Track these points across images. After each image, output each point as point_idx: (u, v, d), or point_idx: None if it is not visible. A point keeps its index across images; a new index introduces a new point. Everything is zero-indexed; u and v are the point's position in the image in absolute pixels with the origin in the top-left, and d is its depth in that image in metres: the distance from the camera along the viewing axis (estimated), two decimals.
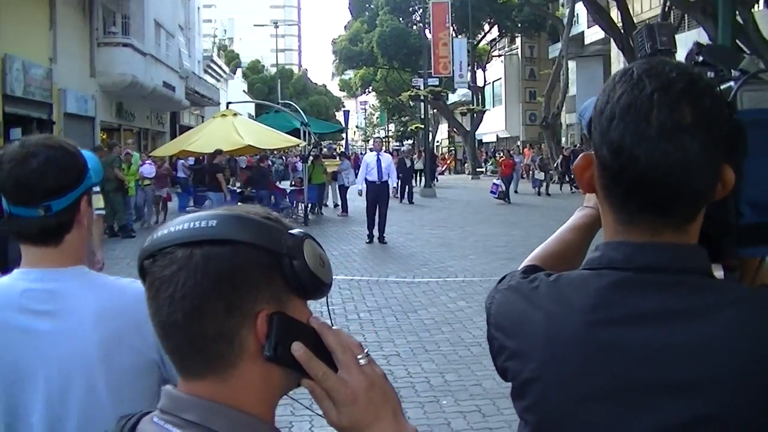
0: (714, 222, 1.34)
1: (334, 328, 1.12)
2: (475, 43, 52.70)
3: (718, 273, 1.47)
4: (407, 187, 30.09)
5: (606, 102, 1.25)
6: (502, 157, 40.28)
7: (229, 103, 27.61)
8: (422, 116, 46.56)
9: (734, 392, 1.19)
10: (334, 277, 1.15)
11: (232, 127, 19.32)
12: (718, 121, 1.22)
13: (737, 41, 16.94)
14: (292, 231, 1.08)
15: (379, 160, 17.49)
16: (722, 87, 1.35)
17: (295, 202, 23.37)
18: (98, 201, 7.72)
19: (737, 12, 16.98)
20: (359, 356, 1.10)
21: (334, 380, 1.07)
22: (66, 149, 2.06)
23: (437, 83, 43.12)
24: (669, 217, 1.26)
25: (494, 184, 29.16)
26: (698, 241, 1.31)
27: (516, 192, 30.24)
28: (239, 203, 15.53)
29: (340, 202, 24.59)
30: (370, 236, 17.32)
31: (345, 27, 64.44)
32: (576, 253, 1.66)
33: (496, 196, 28.25)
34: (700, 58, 1.48)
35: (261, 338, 1.04)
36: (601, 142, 1.26)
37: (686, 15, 24.53)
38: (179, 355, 1.07)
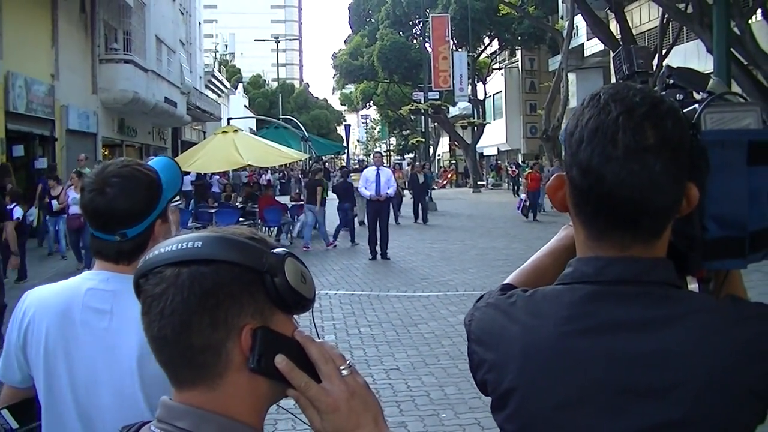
0: (681, 236, 1.41)
1: (318, 340, 1.19)
2: (476, 56, 52.79)
3: (693, 285, 1.54)
4: (420, 205, 27.36)
5: (575, 125, 1.32)
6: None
7: (230, 118, 27.68)
8: (423, 130, 46.64)
9: (699, 397, 1.25)
10: (335, 292, 1.23)
11: (233, 145, 19.27)
12: (680, 142, 1.29)
13: (735, 52, 17.07)
14: (275, 250, 1.16)
15: (378, 175, 17.51)
16: (687, 109, 1.42)
17: (296, 217, 23.40)
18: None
19: (735, 23, 17.08)
20: (341, 367, 1.16)
21: (316, 390, 1.14)
22: (139, 178, 2.19)
23: (438, 97, 43.18)
24: (636, 233, 1.33)
25: (520, 199, 28.16)
26: (668, 255, 1.38)
27: (544, 211, 27.90)
28: (240, 218, 15.53)
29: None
30: (373, 253, 17.23)
31: (345, 41, 64.59)
32: (552, 277, 1.71)
33: (520, 211, 26.98)
34: (671, 81, 1.55)
35: (245, 351, 1.11)
36: (572, 163, 1.33)
37: (684, 27, 24.60)
38: (171, 366, 1.15)
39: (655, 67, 16.85)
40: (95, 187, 2.16)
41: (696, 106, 1.41)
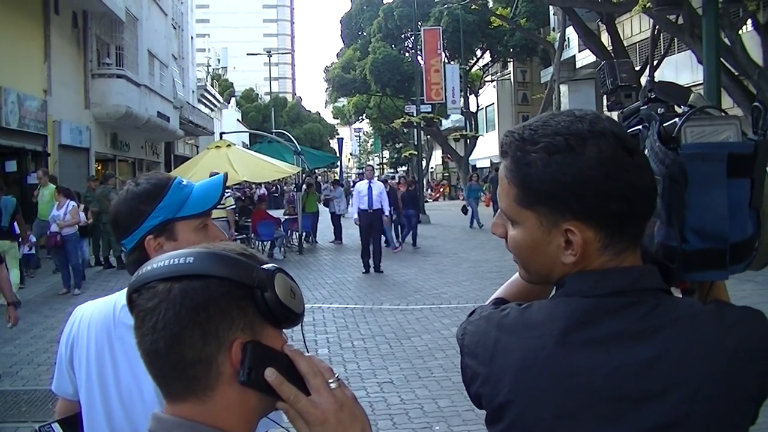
0: (662, 248, 1.44)
1: (307, 354, 1.21)
2: (468, 68, 52.81)
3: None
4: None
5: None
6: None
7: (223, 133, 27.62)
8: (416, 143, 46.64)
9: (694, 400, 1.29)
10: (329, 305, 1.25)
11: (227, 159, 19.13)
12: None
13: (725, 62, 17.16)
14: (265, 266, 1.19)
15: (370, 188, 17.47)
16: (668, 123, 1.45)
17: (289, 231, 23.44)
18: (227, 200, 12.80)
19: (725, 34, 17.19)
20: (330, 380, 1.19)
21: (305, 402, 1.16)
22: (134, 191, 2.19)
23: (430, 109, 43.18)
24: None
25: None
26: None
27: None
28: (234, 232, 15.52)
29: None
30: (366, 266, 17.25)
31: (338, 55, 64.54)
32: (541, 290, 1.72)
33: None
34: (653, 95, 1.57)
35: (236, 365, 1.13)
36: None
37: (675, 38, 24.72)
38: (163, 379, 1.17)
39: (647, 78, 16.90)
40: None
41: (677, 120, 1.44)
